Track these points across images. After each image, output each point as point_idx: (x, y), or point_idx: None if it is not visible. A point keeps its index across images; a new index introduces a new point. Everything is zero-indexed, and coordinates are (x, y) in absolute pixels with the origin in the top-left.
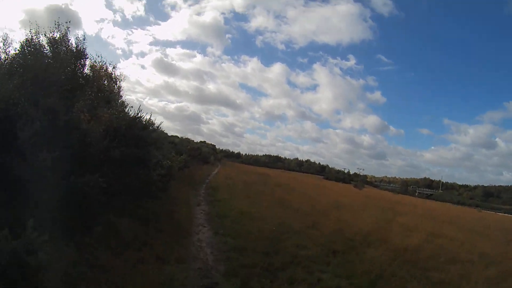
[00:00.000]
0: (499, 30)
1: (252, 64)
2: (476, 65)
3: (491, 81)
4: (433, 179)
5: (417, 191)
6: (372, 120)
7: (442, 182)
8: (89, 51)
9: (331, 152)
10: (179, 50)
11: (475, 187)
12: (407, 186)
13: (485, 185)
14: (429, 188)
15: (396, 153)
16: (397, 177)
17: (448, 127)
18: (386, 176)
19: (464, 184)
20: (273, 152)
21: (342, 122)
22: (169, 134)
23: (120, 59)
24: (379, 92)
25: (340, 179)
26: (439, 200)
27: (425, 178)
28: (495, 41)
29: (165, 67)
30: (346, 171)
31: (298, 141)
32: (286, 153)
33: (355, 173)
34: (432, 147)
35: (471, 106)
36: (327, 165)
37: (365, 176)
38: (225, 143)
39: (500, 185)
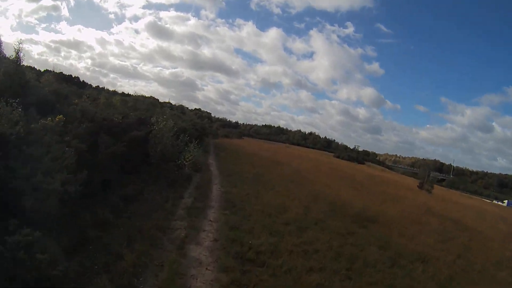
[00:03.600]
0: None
1: (247, 28)
2: (480, 45)
3: (493, 63)
4: (443, 162)
5: (431, 174)
6: (369, 92)
7: (453, 167)
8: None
9: (326, 123)
10: (172, 13)
11: (485, 174)
12: (428, 172)
13: (489, 172)
14: (439, 172)
15: (391, 129)
16: (399, 155)
17: (445, 105)
18: (387, 154)
19: (467, 168)
20: (268, 121)
21: (338, 93)
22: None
23: (113, 24)
24: (377, 63)
25: (353, 158)
26: (453, 188)
27: (435, 161)
28: (504, 21)
29: (159, 31)
30: (353, 148)
31: (293, 110)
32: (281, 123)
33: (364, 150)
34: (428, 125)
35: (470, 87)
36: (334, 140)
37: (375, 154)
38: (220, 110)
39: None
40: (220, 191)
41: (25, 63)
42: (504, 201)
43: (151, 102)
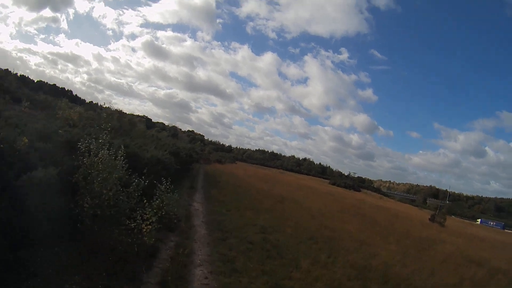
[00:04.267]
0: (499, 35)
1: (243, 52)
2: (471, 70)
3: (485, 88)
4: (438, 188)
5: (428, 201)
6: (362, 118)
7: (449, 193)
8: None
9: (319, 149)
10: (169, 33)
11: (481, 198)
12: (425, 199)
13: (484, 196)
14: (434, 198)
15: (384, 155)
16: (393, 181)
17: (438, 131)
18: (381, 180)
19: (462, 193)
20: (261, 145)
21: (331, 119)
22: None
23: (111, 41)
24: (371, 90)
25: (349, 186)
26: (451, 214)
27: (431, 187)
28: (494, 46)
29: (155, 50)
30: (348, 174)
31: (286, 135)
32: (274, 148)
33: (358, 176)
34: (420, 151)
35: (463, 112)
36: (329, 166)
37: (370, 181)
38: (213, 133)
39: (508, 198)
40: None
41: (21, 72)
42: (477, 220)
43: (130, 120)
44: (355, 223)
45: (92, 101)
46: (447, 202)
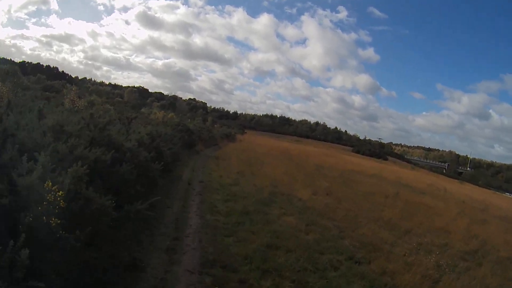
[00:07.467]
0: None
1: (238, 15)
2: (477, 31)
3: (490, 49)
4: (459, 154)
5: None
6: (364, 79)
7: (470, 159)
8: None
9: (322, 111)
10: (162, 1)
11: (501, 166)
12: (457, 166)
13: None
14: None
15: (387, 116)
16: (403, 144)
17: (441, 92)
18: (391, 143)
19: (482, 159)
20: (263, 110)
21: (332, 80)
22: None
23: (103, 16)
24: (372, 49)
25: (375, 154)
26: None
27: (450, 152)
28: (499, 7)
29: (149, 20)
30: (364, 138)
31: (288, 99)
32: (276, 111)
33: (379, 141)
34: (424, 112)
35: (467, 73)
36: (345, 131)
37: (390, 146)
38: (215, 100)
39: None
40: None
41: (17, 59)
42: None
43: None
44: None
45: (91, 78)
46: (469, 169)
